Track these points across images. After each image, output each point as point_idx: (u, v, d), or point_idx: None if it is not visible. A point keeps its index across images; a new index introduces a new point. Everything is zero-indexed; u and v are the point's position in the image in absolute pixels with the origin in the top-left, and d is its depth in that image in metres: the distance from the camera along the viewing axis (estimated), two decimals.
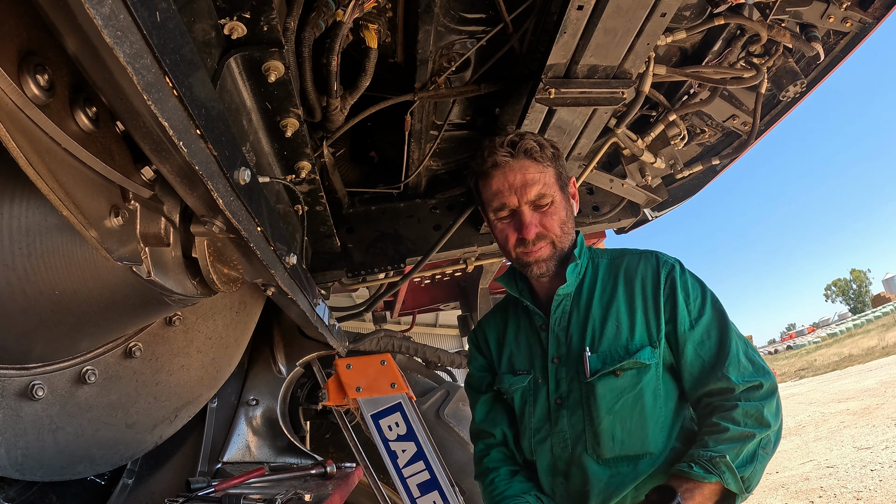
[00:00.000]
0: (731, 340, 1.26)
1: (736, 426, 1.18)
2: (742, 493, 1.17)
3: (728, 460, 1.15)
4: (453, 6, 1.54)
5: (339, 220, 2.20)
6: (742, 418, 1.19)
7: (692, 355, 1.28)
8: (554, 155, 1.36)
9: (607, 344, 1.30)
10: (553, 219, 1.33)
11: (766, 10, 1.86)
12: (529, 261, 1.35)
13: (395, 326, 4.18)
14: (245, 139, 1.17)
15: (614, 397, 1.27)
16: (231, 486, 1.59)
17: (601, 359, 1.29)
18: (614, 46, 1.48)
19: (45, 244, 0.85)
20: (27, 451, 1.02)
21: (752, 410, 1.20)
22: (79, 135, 0.67)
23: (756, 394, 1.22)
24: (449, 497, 1.99)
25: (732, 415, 1.20)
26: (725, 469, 1.15)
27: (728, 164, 2.63)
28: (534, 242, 1.32)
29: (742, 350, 1.26)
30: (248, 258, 1.09)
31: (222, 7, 0.94)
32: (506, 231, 1.36)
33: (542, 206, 1.33)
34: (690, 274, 1.35)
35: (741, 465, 1.16)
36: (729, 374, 1.23)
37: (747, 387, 1.22)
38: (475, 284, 3.40)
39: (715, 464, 1.15)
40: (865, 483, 6.73)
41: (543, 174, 1.32)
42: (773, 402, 1.23)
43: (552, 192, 1.33)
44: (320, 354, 2.27)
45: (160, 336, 1.37)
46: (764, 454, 1.20)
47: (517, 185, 1.30)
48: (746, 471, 1.16)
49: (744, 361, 1.25)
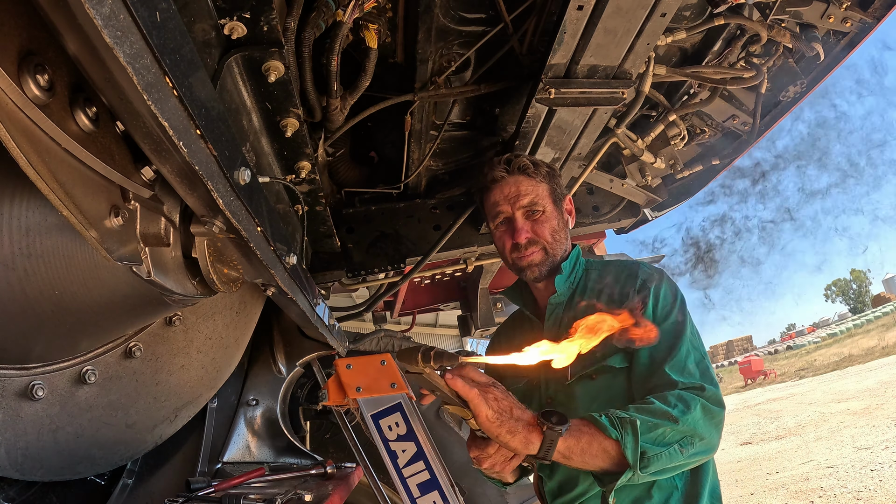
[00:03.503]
0: (683, 347, 1.28)
1: (663, 404, 1.17)
2: (635, 467, 1.10)
3: (637, 426, 1.11)
4: (453, 6, 1.54)
5: (339, 220, 2.20)
6: (673, 400, 1.17)
7: (644, 354, 1.31)
8: (549, 173, 1.52)
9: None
10: (544, 226, 1.47)
11: (766, 10, 1.86)
12: (523, 265, 1.49)
13: (395, 326, 4.19)
14: (245, 139, 1.17)
15: (591, 399, 1.35)
16: (231, 486, 1.59)
17: (580, 363, 1.34)
18: (614, 46, 1.48)
19: (45, 244, 0.85)
20: (27, 451, 1.02)
21: (686, 398, 1.18)
22: (79, 135, 0.67)
23: (696, 392, 1.21)
24: (449, 497, 1.98)
25: (665, 395, 1.20)
26: (630, 433, 1.11)
27: (728, 164, 2.63)
28: (526, 247, 1.46)
29: (693, 358, 1.28)
30: (248, 258, 1.09)
31: (222, 7, 0.94)
32: (503, 238, 1.51)
33: (535, 215, 1.48)
34: (668, 284, 1.40)
35: (648, 441, 1.12)
36: (671, 372, 1.24)
37: (689, 385, 1.22)
38: (475, 284, 3.39)
39: (623, 423, 1.12)
40: (865, 483, 6.73)
41: (536, 187, 1.48)
42: (712, 409, 1.20)
43: (544, 203, 1.48)
44: (320, 354, 2.27)
45: (160, 336, 1.37)
46: (678, 452, 1.14)
47: (512, 196, 1.47)
48: (650, 448, 1.11)
49: (690, 367, 1.26)
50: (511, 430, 1.07)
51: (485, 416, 1.06)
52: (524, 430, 1.08)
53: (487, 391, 1.09)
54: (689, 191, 2.86)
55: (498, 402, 1.09)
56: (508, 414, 1.09)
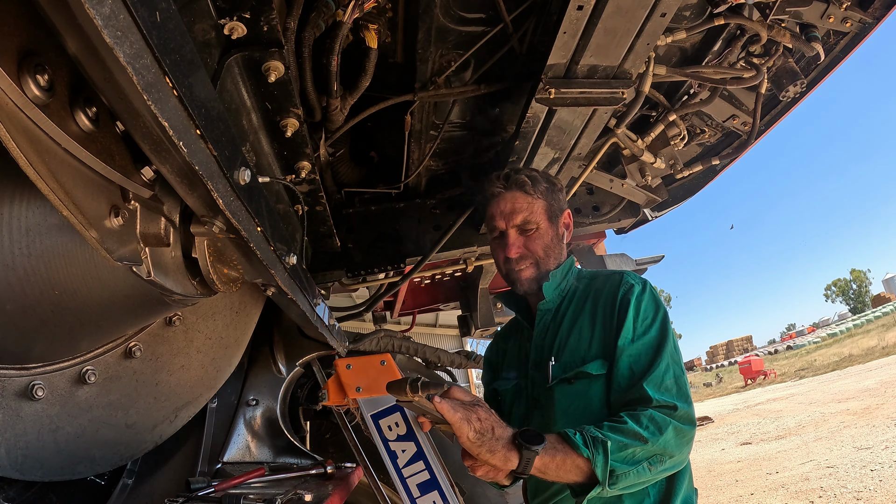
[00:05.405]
0: (662, 362, 1.31)
1: (635, 425, 1.21)
2: (604, 484, 1.17)
3: (609, 447, 1.17)
4: (453, 6, 1.54)
5: (339, 220, 2.20)
6: (645, 421, 1.22)
7: (624, 367, 1.33)
8: (548, 190, 1.55)
9: (568, 355, 1.43)
10: (537, 243, 1.51)
11: (766, 10, 1.86)
12: (514, 279, 1.54)
13: (395, 326, 4.18)
14: (245, 139, 1.17)
15: (568, 402, 1.39)
16: (231, 486, 1.59)
17: (561, 368, 1.42)
18: (614, 46, 1.48)
19: (45, 244, 0.85)
20: (27, 451, 1.02)
21: (658, 420, 1.23)
22: (79, 135, 0.67)
23: (668, 412, 1.25)
24: (449, 497, 1.99)
25: (638, 415, 1.24)
26: (601, 452, 1.17)
27: (728, 164, 2.63)
28: (517, 262, 1.51)
29: (671, 374, 1.31)
30: (248, 258, 1.09)
31: (222, 7, 0.94)
32: (497, 250, 1.57)
33: (528, 231, 1.51)
34: (650, 296, 1.42)
35: (618, 460, 1.18)
36: (648, 388, 1.27)
37: (662, 403, 1.26)
38: (475, 284, 3.39)
39: (595, 443, 1.18)
40: (865, 483, 6.73)
41: (532, 204, 1.51)
42: (683, 428, 1.25)
43: (538, 220, 1.51)
44: (320, 354, 2.27)
45: (160, 336, 1.37)
46: (646, 469, 1.20)
47: (507, 212, 1.51)
48: (619, 467, 1.18)
49: (668, 382, 1.29)
50: (491, 448, 1.14)
51: (466, 438, 1.13)
52: (503, 449, 1.14)
53: (471, 412, 1.15)
54: (689, 191, 2.86)
55: (481, 422, 1.15)
56: (490, 434, 1.15)
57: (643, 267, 3.83)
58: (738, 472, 9.20)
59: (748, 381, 28.98)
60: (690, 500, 1.37)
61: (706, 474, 9.38)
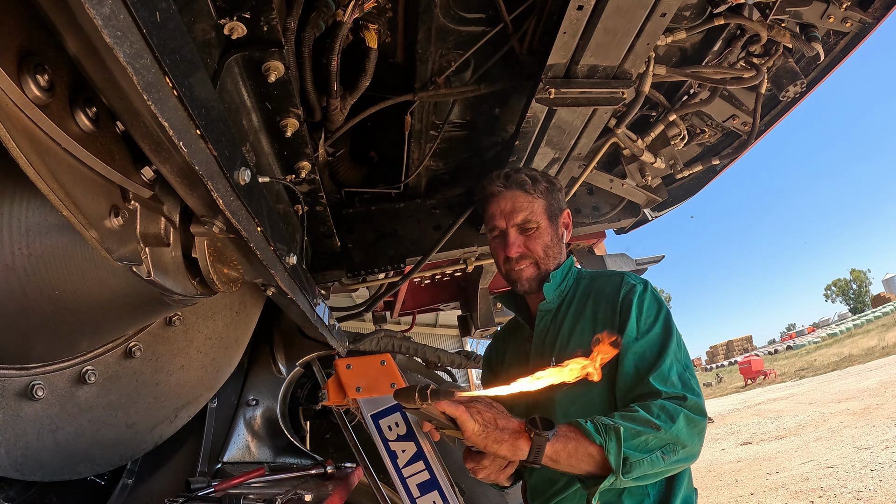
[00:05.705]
0: (667, 358, 1.31)
1: (647, 413, 1.20)
2: (617, 472, 1.14)
3: (621, 433, 1.15)
4: (453, 6, 1.54)
5: (339, 220, 2.20)
6: (657, 410, 1.21)
7: (629, 365, 1.33)
8: (547, 189, 1.54)
9: (569, 355, 1.41)
10: (537, 242, 1.51)
11: (766, 10, 1.86)
12: (514, 278, 1.53)
13: (395, 326, 4.18)
14: (245, 139, 1.17)
15: (569, 402, 1.39)
16: (231, 486, 1.59)
17: None
18: (614, 46, 1.48)
19: (45, 244, 0.85)
20: (27, 451, 1.03)
21: (669, 409, 1.22)
22: (79, 135, 0.67)
23: (678, 402, 1.24)
24: (449, 497, 1.98)
25: (649, 405, 1.23)
26: (614, 438, 1.15)
27: (728, 164, 2.63)
28: (517, 261, 1.51)
29: (676, 370, 1.30)
30: (248, 258, 1.09)
31: (222, 7, 0.94)
32: (497, 249, 1.56)
33: (528, 231, 1.51)
34: (652, 295, 1.42)
35: (631, 447, 1.16)
36: (655, 382, 1.27)
37: (671, 395, 1.25)
38: (475, 284, 3.39)
39: (607, 430, 1.16)
40: (865, 483, 6.73)
41: (532, 203, 1.51)
42: (694, 418, 1.23)
43: (538, 219, 1.51)
44: (320, 354, 2.27)
45: (160, 336, 1.37)
46: (660, 459, 1.18)
47: (507, 211, 1.51)
48: (633, 454, 1.16)
49: (673, 378, 1.29)
50: (497, 439, 1.13)
51: (471, 430, 1.12)
52: (510, 439, 1.13)
53: (470, 406, 1.15)
54: (689, 191, 2.86)
55: (481, 414, 1.15)
56: (493, 425, 1.15)
57: (643, 267, 3.83)
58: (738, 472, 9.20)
59: (748, 381, 28.97)
60: (690, 499, 1.36)
61: (706, 474, 9.37)
